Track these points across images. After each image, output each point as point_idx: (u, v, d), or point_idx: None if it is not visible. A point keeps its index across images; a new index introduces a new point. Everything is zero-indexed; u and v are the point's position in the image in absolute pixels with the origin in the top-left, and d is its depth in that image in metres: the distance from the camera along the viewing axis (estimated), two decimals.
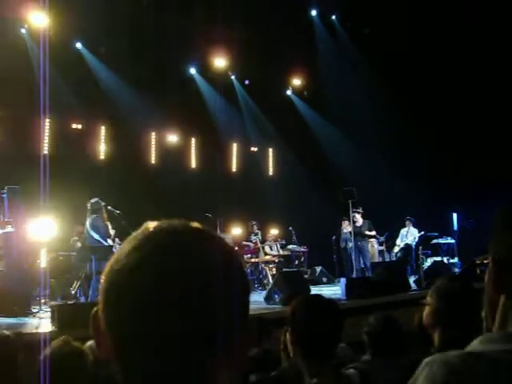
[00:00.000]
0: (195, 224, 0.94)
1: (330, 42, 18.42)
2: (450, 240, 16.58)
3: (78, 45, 14.95)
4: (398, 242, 16.20)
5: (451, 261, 15.81)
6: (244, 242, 15.04)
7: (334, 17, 18.59)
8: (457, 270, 14.74)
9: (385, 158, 16.65)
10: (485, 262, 12.15)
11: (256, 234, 15.28)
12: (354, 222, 14.07)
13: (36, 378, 2.47)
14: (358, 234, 14.22)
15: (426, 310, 2.65)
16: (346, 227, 15.05)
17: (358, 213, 14.32)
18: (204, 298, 0.85)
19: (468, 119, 16.05)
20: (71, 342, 2.67)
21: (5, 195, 10.60)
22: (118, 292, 0.87)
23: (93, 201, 11.21)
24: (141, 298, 0.84)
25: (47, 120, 14.14)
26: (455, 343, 2.37)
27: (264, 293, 11.59)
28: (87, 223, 11.09)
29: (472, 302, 2.51)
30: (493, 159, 15.54)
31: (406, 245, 15.90)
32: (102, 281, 0.91)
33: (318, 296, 2.79)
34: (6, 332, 3.84)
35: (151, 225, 0.92)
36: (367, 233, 14.55)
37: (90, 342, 3.35)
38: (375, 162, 16.72)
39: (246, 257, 14.52)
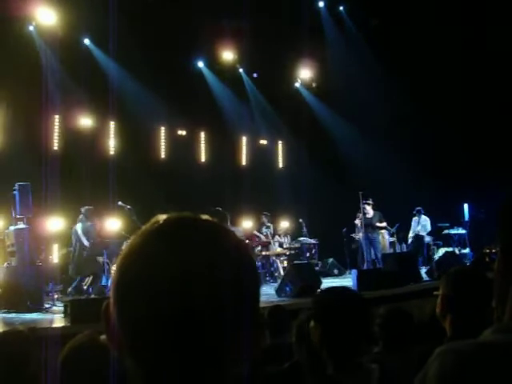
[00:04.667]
0: (205, 217, 0.94)
1: (337, 33, 18.34)
2: (461, 230, 16.50)
3: (86, 41, 14.97)
4: (411, 233, 16.13)
5: (462, 251, 15.75)
6: (255, 232, 15.02)
7: (341, 8, 18.49)
8: (468, 260, 14.70)
9: (395, 148, 16.56)
10: (493, 251, 12.14)
11: (268, 227, 15.27)
12: (365, 214, 14.04)
13: (56, 371, 2.48)
14: (369, 225, 14.17)
15: (438, 300, 2.64)
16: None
17: (369, 204, 14.26)
18: (216, 291, 0.85)
19: (480, 109, 15.93)
20: (98, 336, 2.66)
21: (16, 192, 10.66)
22: (129, 286, 0.87)
23: (86, 208, 11.39)
24: (152, 292, 0.84)
25: (56, 117, 14.18)
26: (467, 332, 2.37)
27: (275, 285, 11.60)
28: (79, 229, 11.41)
29: (483, 291, 2.50)
30: (505, 150, 15.43)
31: (417, 235, 15.82)
32: (113, 275, 0.91)
33: (346, 289, 2.76)
34: (20, 327, 3.87)
35: (161, 219, 0.92)
36: (378, 224, 14.47)
37: (103, 337, 3.37)
38: (386, 152, 16.64)
39: (257, 250, 14.52)
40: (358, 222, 14.87)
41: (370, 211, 14.32)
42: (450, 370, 1.02)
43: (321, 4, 18.20)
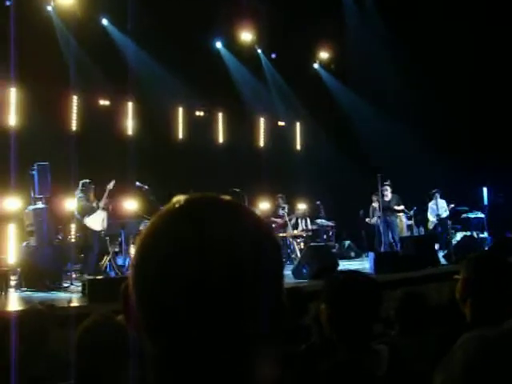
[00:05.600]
0: (225, 197, 0.93)
1: (356, 12, 18.16)
2: (479, 214, 16.38)
3: (104, 21, 14.95)
4: (431, 217, 15.83)
5: (481, 235, 15.64)
6: (272, 218, 15.01)
7: None
8: (486, 244, 14.60)
9: (414, 131, 16.42)
10: None
11: (283, 208, 15.24)
12: (383, 197, 13.95)
13: (73, 350, 2.50)
14: (387, 208, 14.09)
15: (458, 284, 2.62)
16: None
17: (387, 186, 14.15)
18: (235, 268, 0.84)
19: (500, 90, 15.72)
20: (113, 315, 2.68)
21: (35, 172, 10.71)
22: (148, 266, 0.86)
23: (83, 182, 11.18)
24: (171, 271, 0.83)
25: (74, 97, 14.21)
26: (487, 316, 2.36)
27: (292, 267, 11.61)
28: (75, 204, 11.21)
29: (504, 275, 2.48)
30: None
31: (440, 218, 15.55)
32: (132, 256, 0.90)
33: (357, 272, 2.77)
34: (39, 306, 3.91)
35: (181, 199, 0.91)
36: (396, 207, 14.39)
37: (120, 317, 3.38)
38: (404, 135, 16.50)
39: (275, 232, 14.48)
40: (375, 204, 14.78)
41: (388, 194, 14.24)
42: (475, 356, 1.01)
43: None
